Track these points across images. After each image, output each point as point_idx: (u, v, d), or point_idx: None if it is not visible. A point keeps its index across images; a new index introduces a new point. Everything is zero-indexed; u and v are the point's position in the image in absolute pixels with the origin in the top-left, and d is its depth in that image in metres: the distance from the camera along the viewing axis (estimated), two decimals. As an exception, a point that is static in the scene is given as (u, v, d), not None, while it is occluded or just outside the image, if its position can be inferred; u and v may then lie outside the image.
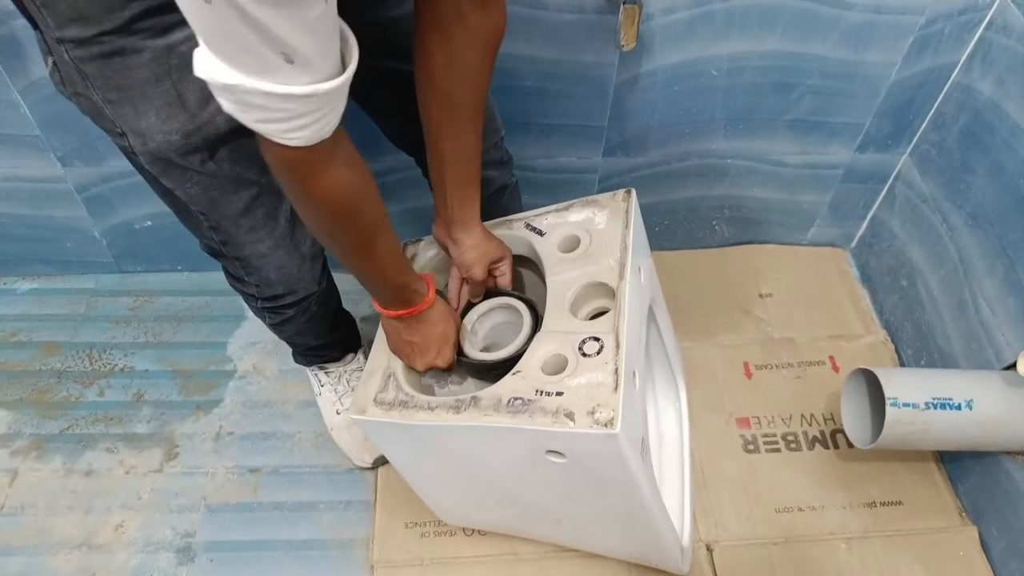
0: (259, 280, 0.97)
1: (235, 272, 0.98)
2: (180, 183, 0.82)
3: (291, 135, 0.60)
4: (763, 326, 1.45)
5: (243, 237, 0.90)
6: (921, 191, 1.34)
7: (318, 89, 0.57)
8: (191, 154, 0.79)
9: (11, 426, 1.30)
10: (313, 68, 0.56)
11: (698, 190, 1.45)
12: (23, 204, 1.35)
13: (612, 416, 0.77)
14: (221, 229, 0.89)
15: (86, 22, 0.69)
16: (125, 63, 0.72)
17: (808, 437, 1.29)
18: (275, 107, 0.57)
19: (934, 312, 1.30)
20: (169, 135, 0.76)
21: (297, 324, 1.08)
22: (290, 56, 0.54)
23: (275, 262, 0.95)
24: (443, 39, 0.79)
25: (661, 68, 1.21)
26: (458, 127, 0.85)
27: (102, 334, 1.43)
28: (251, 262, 0.94)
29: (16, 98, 1.17)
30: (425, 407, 0.87)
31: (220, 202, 0.85)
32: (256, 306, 1.04)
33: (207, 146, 0.79)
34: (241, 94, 0.56)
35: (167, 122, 0.76)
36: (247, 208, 0.87)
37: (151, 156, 0.78)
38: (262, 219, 0.89)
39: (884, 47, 1.20)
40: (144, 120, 0.75)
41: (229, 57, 0.54)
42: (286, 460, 1.27)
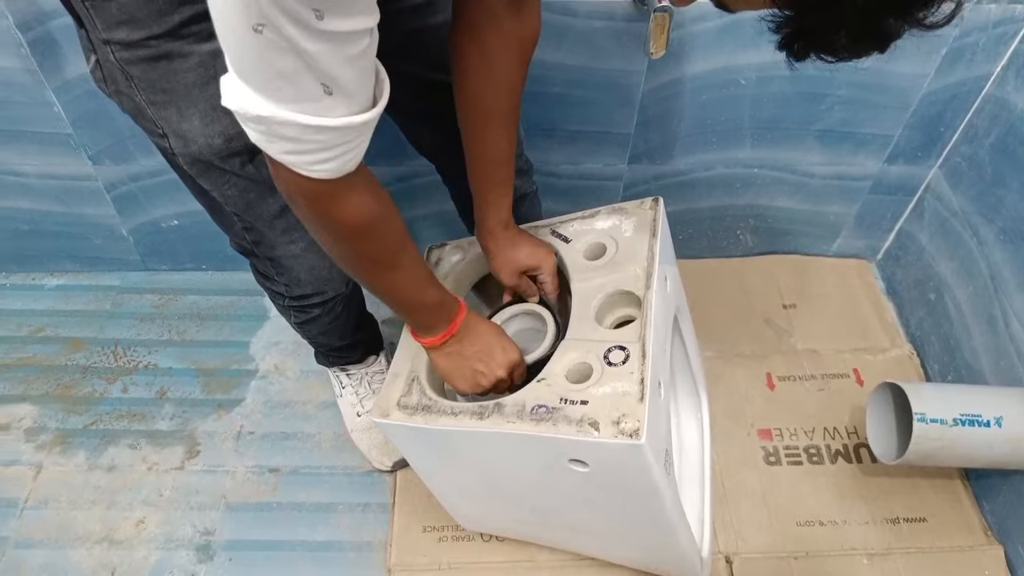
0: (289, 280, 0.98)
1: (264, 271, 0.99)
2: (218, 185, 0.83)
3: (317, 167, 0.60)
4: (786, 337, 1.44)
5: (277, 239, 0.91)
6: (951, 204, 1.32)
7: (352, 122, 0.57)
8: (232, 157, 0.80)
9: (36, 420, 1.32)
10: (350, 100, 0.56)
11: (723, 199, 1.44)
12: (53, 201, 1.37)
13: (637, 427, 0.76)
14: (255, 230, 0.90)
15: (135, 25, 0.70)
16: (171, 67, 0.73)
17: (831, 451, 1.28)
18: (307, 139, 0.57)
19: (962, 327, 1.28)
20: (211, 139, 0.77)
21: (321, 324, 1.08)
22: (330, 88, 0.54)
23: (307, 263, 0.95)
24: (478, 44, 0.79)
25: (689, 76, 1.20)
26: (491, 133, 0.85)
27: (127, 331, 1.44)
28: (283, 262, 0.95)
29: (50, 97, 1.19)
30: (448, 412, 0.87)
31: (256, 204, 0.86)
32: (283, 304, 1.04)
33: (248, 150, 0.79)
34: (274, 125, 0.56)
35: (210, 126, 0.77)
36: (283, 210, 0.88)
37: (191, 158, 0.79)
38: (296, 221, 0.89)
39: (917, 59, 1.19)
40: (187, 123, 0.76)
41: (264, 87, 0.53)
42: (306, 461, 1.27)
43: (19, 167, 1.31)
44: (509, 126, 0.86)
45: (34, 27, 1.09)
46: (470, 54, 0.80)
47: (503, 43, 0.79)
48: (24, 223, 1.42)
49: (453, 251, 1.07)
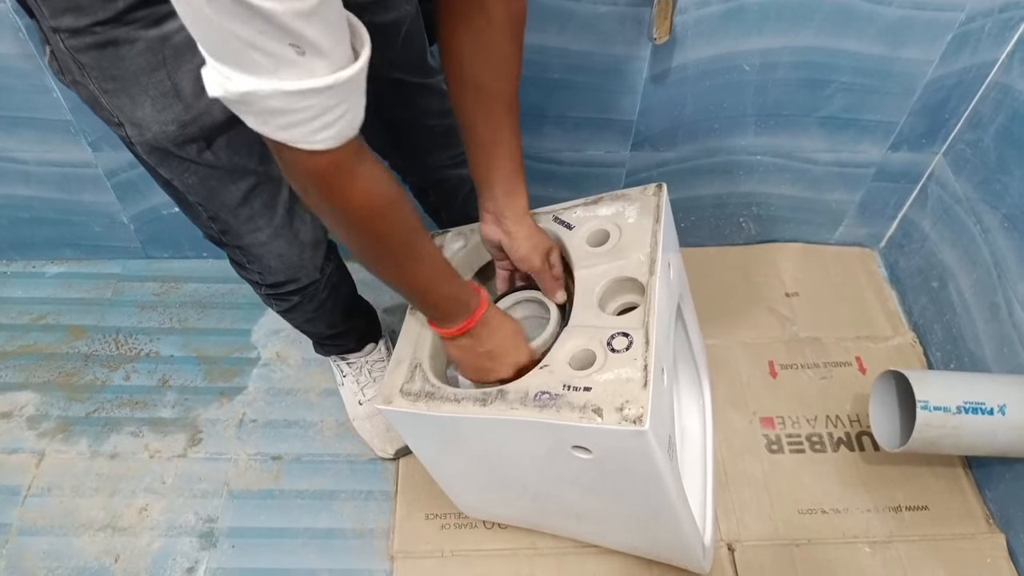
0: (261, 268, 0.97)
1: (238, 259, 0.98)
2: (178, 173, 0.82)
3: (318, 137, 0.58)
4: (789, 325, 1.44)
5: (242, 227, 0.90)
6: (955, 191, 1.32)
7: (337, 79, 0.55)
8: (188, 144, 0.78)
9: (39, 408, 1.32)
10: (327, 57, 0.54)
11: (726, 186, 1.43)
12: (53, 188, 1.36)
13: (641, 413, 0.76)
14: (220, 219, 0.89)
15: (80, 12, 0.68)
16: (119, 53, 0.71)
17: (833, 438, 1.28)
18: (297, 107, 0.55)
19: (965, 315, 1.28)
20: (165, 125, 0.76)
21: (304, 311, 1.07)
22: (300, 47, 0.52)
23: (275, 251, 0.94)
24: (467, 30, 0.78)
25: (692, 62, 1.19)
26: (494, 119, 0.84)
27: (128, 319, 1.44)
28: (251, 251, 0.94)
29: (49, 83, 1.18)
30: (451, 399, 0.87)
31: (218, 192, 0.85)
32: (261, 293, 1.04)
33: (204, 136, 0.78)
34: (260, 100, 0.54)
35: (163, 112, 0.75)
36: (245, 198, 0.86)
37: (148, 146, 0.78)
38: (260, 209, 0.89)
39: (921, 44, 1.18)
40: (140, 110, 0.75)
41: (238, 60, 0.52)
42: (308, 448, 1.27)
43: (18, 154, 1.30)
44: (513, 107, 0.85)
45: (32, 12, 1.08)
46: (460, 43, 0.79)
47: (491, 25, 0.78)
48: (24, 211, 1.41)
49: (455, 238, 1.06)
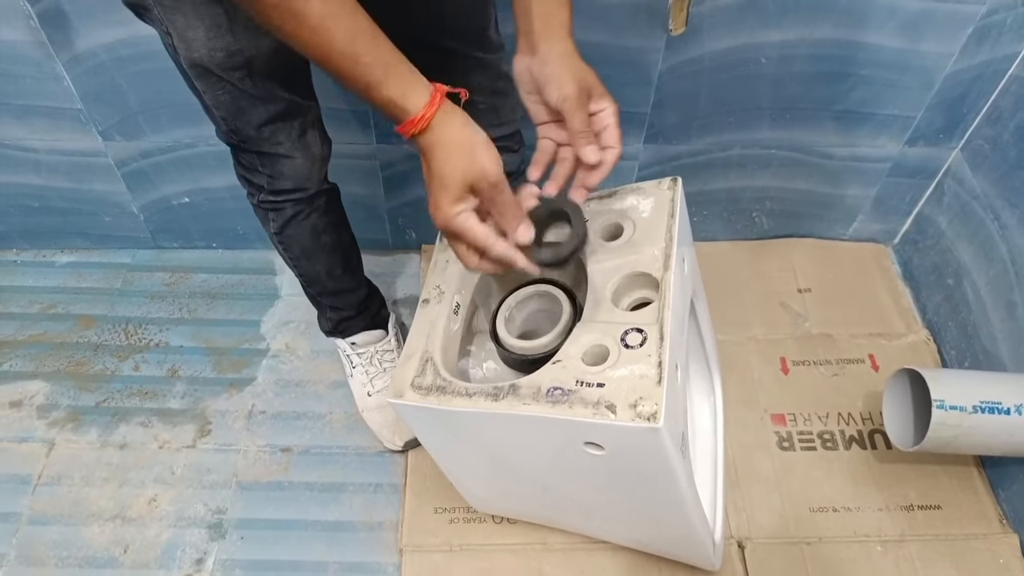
0: (272, 172, 0.98)
1: (249, 163, 0.98)
2: (212, 89, 0.85)
3: None
4: (801, 321, 1.42)
5: (261, 141, 0.92)
6: (972, 187, 1.30)
7: None
8: (230, 70, 0.82)
9: (48, 397, 1.32)
10: None
11: (740, 180, 1.42)
12: (63, 177, 1.36)
13: (655, 410, 0.75)
14: (240, 132, 0.92)
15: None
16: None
17: (845, 436, 1.27)
18: None
19: (981, 313, 1.27)
20: (213, 51, 0.79)
21: (300, 231, 1.06)
22: None
23: (290, 160, 0.96)
24: None
25: (709, 55, 1.18)
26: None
27: (138, 309, 1.44)
28: (267, 157, 0.96)
29: (60, 71, 1.17)
30: (463, 393, 0.86)
31: (246, 111, 0.88)
32: (259, 199, 1.02)
33: (246, 65, 0.82)
34: None
35: (213, 39, 0.79)
36: (269, 119, 0.90)
37: (191, 62, 0.81)
38: (280, 127, 0.92)
39: (941, 37, 1.16)
40: (192, 32, 0.78)
41: None
42: (317, 440, 1.27)
43: (28, 142, 1.30)
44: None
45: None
46: None
47: None
48: (34, 200, 1.41)
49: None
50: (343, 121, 1.25)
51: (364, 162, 1.34)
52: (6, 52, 1.14)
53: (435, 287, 0.99)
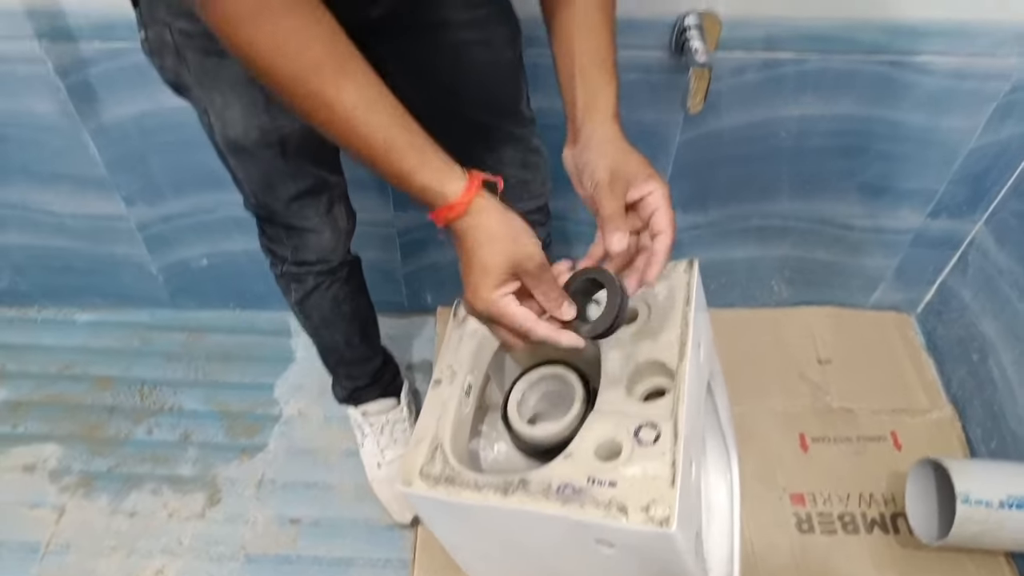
0: (298, 243, 0.99)
1: (274, 235, 0.99)
2: (243, 165, 0.87)
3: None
4: (821, 394, 1.39)
5: (289, 216, 0.94)
6: (997, 262, 1.27)
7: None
8: (264, 148, 0.84)
9: (61, 461, 1.32)
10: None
11: (758, 250, 1.40)
12: (86, 239, 1.38)
13: (668, 514, 0.73)
14: (269, 207, 0.93)
15: (195, 19, 0.68)
16: (223, 63, 0.77)
17: (867, 519, 1.23)
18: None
19: (1007, 393, 1.23)
20: (249, 130, 0.82)
21: (321, 301, 1.06)
22: None
23: (314, 235, 0.97)
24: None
25: (727, 129, 1.18)
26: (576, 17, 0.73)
27: (154, 370, 1.45)
28: (293, 232, 0.97)
29: (86, 139, 1.19)
30: (472, 486, 0.84)
31: (276, 187, 0.91)
32: (282, 270, 1.03)
33: (280, 142, 0.84)
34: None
35: (249, 118, 0.81)
36: (298, 195, 0.92)
37: (226, 139, 0.84)
38: (310, 203, 0.94)
39: (964, 113, 1.15)
40: (229, 111, 0.81)
41: None
42: (326, 511, 1.26)
43: (53, 206, 1.32)
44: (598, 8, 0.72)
45: (72, 73, 1.10)
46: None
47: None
48: (56, 260, 1.43)
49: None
50: (361, 190, 1.25)
51: (382, 229, 1.35)
52: (35, 122, 1.17)
53: (447, 366, 0.98)
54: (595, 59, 0.73)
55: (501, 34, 0.88)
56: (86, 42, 1.06)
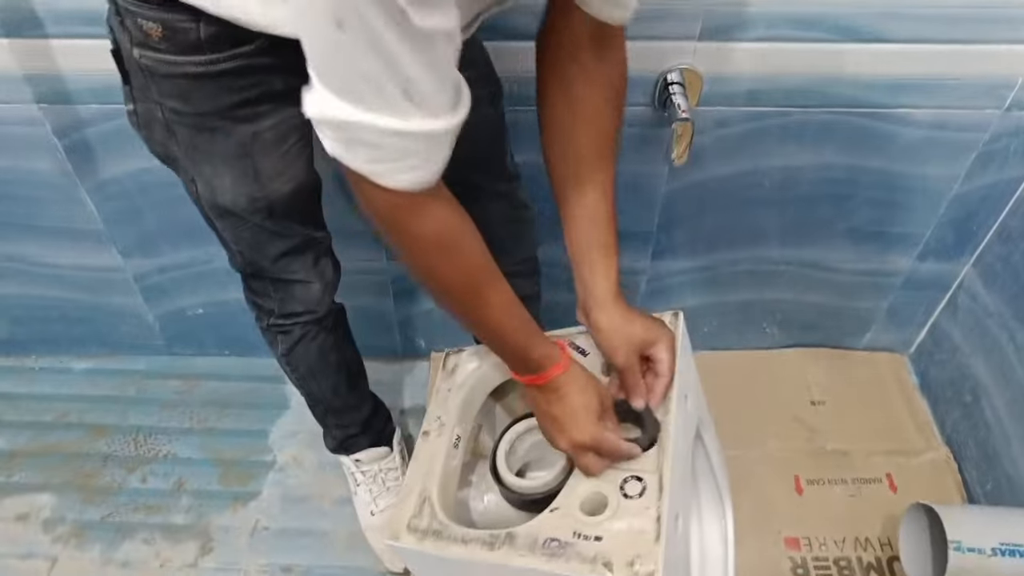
0: (284, 296, 1.00)
1: (260, 290, 1.00)
2: (232, 228, 0.89)
3: (400, 176, 0.60)
4: (815, 436, 1.39)
5: (276, 271, 0.96)
6: (985, 304, 1.28)
7: (432, 128, 0.57)
8: (252, 213, 0.86)
9: (55, 511, 1.32)
10: (429, 106, 0.55)
11: (749, 293, 1.41)
12: (84, 291, 1.40)
13: (653, 570, 0.73)
14: (256, 264, 0.95)
15: (187, 101, 0.75)
16: (213, 138, 0.79)
17: (863, 563, 1.22)
18: (387, 144, 0.57)
19: (1001, 435, 1.23)
20: (237, 197, 0.84)
21: (307, 352, 1.07)
22: (409, 92, 0.54)
23: (301, 287, 0.99)
24: (563, 91, 0.79)
25: (713, 179, 1.20)
26: (583, 184, 0.81)
27: (149, 417, 1.45)
28: (279, 285, 0.98)
29: (84, 196, 1.22)
30: (459, 540, 0.84)
31: (263, 246, 0.92)
32: (267, 323, 1.04)
33: (268, 207, 0.86)
34: (354, 131, 0.56)
35: (238, 187, 0.83)
36: (285, 252, 0.93)
37: (213, 205, 0.85)
38: (294, 258, 0.95)
39: (945, 162, 1.17)
40: (218, 180, 0.82)
41: (347, 91, 0.54)
42: (319, 560, 1.25)
43: (51, 259, 1.35)
44: (604, 179, 0.81)
45: (70, 133, 1.13)
46: (555, 102, 0.80)
47: (589, 86, 0.78)
48: (54, 310, 1.45)
49: (471, 358, 1.05)
50: (354, 239, 1.27)
51: (375, 277, 1.37)
52: (34, 179, 1.20)
53: (436, 418, 0.98)
54: (599, 244, 0.83)
55: (483, 95, 0.90)
56: (83, 104, 1.09)
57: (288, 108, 0.78)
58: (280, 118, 0.79)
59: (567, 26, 0.75)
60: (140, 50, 0.72)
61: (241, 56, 0.72)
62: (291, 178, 0.85)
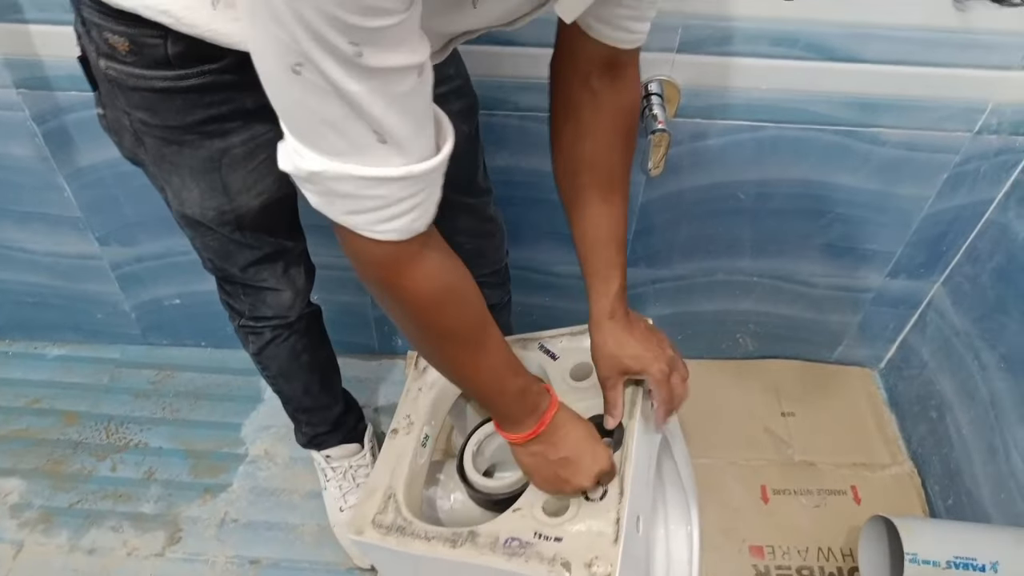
0: (254, 301, 1.00)
1: (231, 291, 1.00)
2: (201, 236, 0.88)
3: (382, 227, 0.56)
4: (783, 447, 1.41)
5: (247, 279, 0.96)
6: (953, 323, 1.31)
7: (412, 171, 0.53)
8: (221, 225, 0.85)
9: (23, 496, 1.32)
10: (406, 149, 0.53)
11: (723, 304, 1.43)
12: (60, 277, 1.39)
13: (610, 572, 0.75)
14: (226, 271, 0.95)
15: (155, 114, 0.74)
16: (182, 151, 0.78)
17: (824, 573, 1.24)
18: (366, 194, 0.54)
19: (963, 451, 1.25)
20: (206, 210, 0.83)
21: (278, 355, 1.07)
22: (382, 135, 0.51)
23: (271, 294, 0.99)
24: (572, 115, 0.79)
25: (688, 190, 1.21)
26: (589, 208, 0.82)
27: (122, 407, 1.45)
28: (250, 290, 0.98)
29: (62, 183, 1.22)
30: (422, 536, 0.85)
31: (233, 255, 0.91)
32: (239, 323, 1.04)
33: (236, 220, 0.85)
34: (328, 182, 0.53)
35: (207, 200, 0.82)
36: (255, 261, 0.93)
37: (183, 215, 0.85)
38: (266, 267, 0.95)
39: (917, 182, 1.19)
40: (187, 192, 0.81)
41: (315, 139, 0.51)
42: (287, 553, 1.26)
43: (28, 245, 1.34)
44: (610, 202, 0.82)
45: (49, 120, 1.13)
46: (565, 127, 0.80)
47: (599, 114, 0.78)
48: (29, 295, 1.44)
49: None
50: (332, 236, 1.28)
51: (353, 273, 1.36)
52: (11, 164, 1.19)
53: (405, 416, 0.99)
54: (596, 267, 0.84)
55: (458, 109, 0.90)
56: (63, 91, 1.08)
57: (258, 125, 0.77)
58: (249, 134, 0.78)
59: (578, 50, 0.75)
60: (107, 61, 0.70)
61: (209, 72, 0.70)
62: (260, 192, 0.83)
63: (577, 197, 0.82)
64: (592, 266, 0.84)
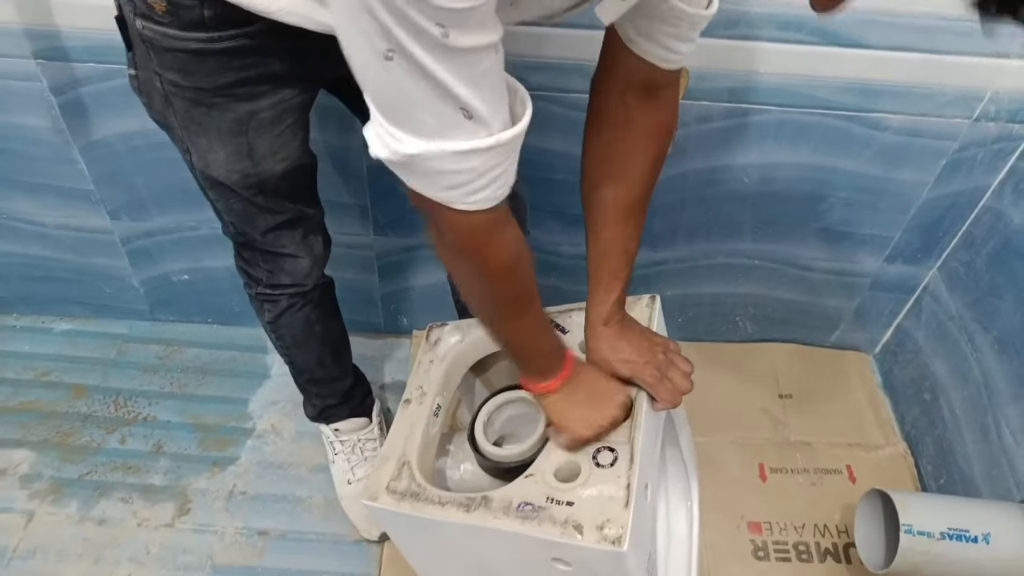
0: (272, 267, 1.02)
1: (249, 258, 1.02)
2: (224, 199, 0.91)
3: (473, 197, 0.61)
4: (781, 428, 1.44)
5: (268, 244, 0.98)
6: (948, 307, 1.34)
7: (499, 139, 0.58)
8: (244, 188, 0.87)
9: (33, 467, 1.33)
10: (490, 121, 0.57)
11: (723, 287, 1.46)
12: (69, 250, 1.41)
13: (620, 534, 0.77)
14: (246, 235, 0.97)
15: (186, 75, 0.76)
16: (210, 114, 0.80)
17: (820, 548, 1.27)
18: (459, 168, 0.58)
19: (956, 432, 1.29)
20: (231, 172, 0.85)
21: (293, 324, 1.10)
22: (468, 111, 0.55)
23: (290, 260, 1.01)
24: (605, 129, 0.81)
25: (692, 171, 1.24)
26: (607, 223, 0.85)
27: (130, 381, 1.46)
28: (268, 256, 1.00)
29: (75, 155, 1.23)
30: (436, 501, 0.88)
31: (254, 219, 0.94)
32: (256, 291, 1.06)
33: (260, 184, 0.88)
34: (426, 162, 0.57)
35: (232, 163, 0.84)
36: (276, 226, 0.96)
37: (207, 177, 0.87)
38: (286, 233, 0.98)
39: (916, 167, 1.22)
40: (212, 154, 0.84)
41: (410, 123, 0.55)
42: (295, 525, 1.28)
43: (38, 216, 1.35)
44: (627, 220, 0.85)
45: (66, 91, 1.14)
46: (597, 144, 0.82)
47: (630, 132, 0.80)
48: (38, 269, 1.45)
49: (453, 331, 1.08)
50: (342, 214, 1.30)
51: (361, 252, 1.39)
52: (25, 135, 1.20)
53: (418, 387, 1.01)
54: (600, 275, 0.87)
55: None
56: (80, 63, 1.10)
57: (286, 89, 0.80)
58: (277, 99, 0.81)
59: (619, 66, 0.77)
60: (143, 21, 0.73)
61: (243, 36, 0.73)
62: (284, 158, 0.87)
63: (596, 210, 0.85)
64: (597, 275, 0.88)
